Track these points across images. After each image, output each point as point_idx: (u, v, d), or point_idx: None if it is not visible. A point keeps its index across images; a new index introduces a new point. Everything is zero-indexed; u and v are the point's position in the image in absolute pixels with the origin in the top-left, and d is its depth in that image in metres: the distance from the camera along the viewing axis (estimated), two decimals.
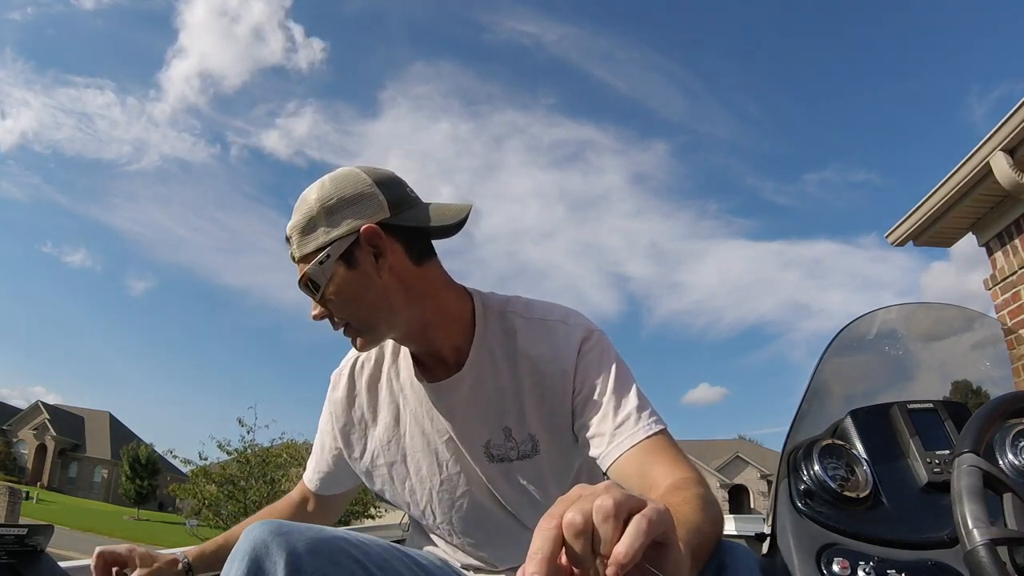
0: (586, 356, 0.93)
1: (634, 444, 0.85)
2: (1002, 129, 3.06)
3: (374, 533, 1.51)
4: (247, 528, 0.76)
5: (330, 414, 1.08)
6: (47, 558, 0.98)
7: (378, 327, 0.92)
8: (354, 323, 0.91)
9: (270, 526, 0.75)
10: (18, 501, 17.87)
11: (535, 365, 0.94)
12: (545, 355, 0.93)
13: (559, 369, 0.92)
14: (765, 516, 1.12)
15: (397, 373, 1.03)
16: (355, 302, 0.89)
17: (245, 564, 0.71)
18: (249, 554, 0.72)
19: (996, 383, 1.28)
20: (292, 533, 0.74)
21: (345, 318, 0.90)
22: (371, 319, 0.90)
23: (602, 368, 0.92)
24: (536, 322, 0.96)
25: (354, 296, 0.89)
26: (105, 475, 43.62)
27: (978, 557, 0.68)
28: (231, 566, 0.72)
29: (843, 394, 1.21)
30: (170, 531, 23.77)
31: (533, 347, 0.94)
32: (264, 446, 13.49)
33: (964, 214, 3.58)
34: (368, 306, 0.89)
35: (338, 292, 0.88)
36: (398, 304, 0.90)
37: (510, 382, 0.95)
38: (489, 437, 0.96)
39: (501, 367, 0.95)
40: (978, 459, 0.76)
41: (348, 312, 0.90)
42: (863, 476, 1.02)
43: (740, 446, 36.91)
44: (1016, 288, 3.31)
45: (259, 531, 0.74)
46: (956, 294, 30.39)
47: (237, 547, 0.74)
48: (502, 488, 0.97)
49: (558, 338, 0.94)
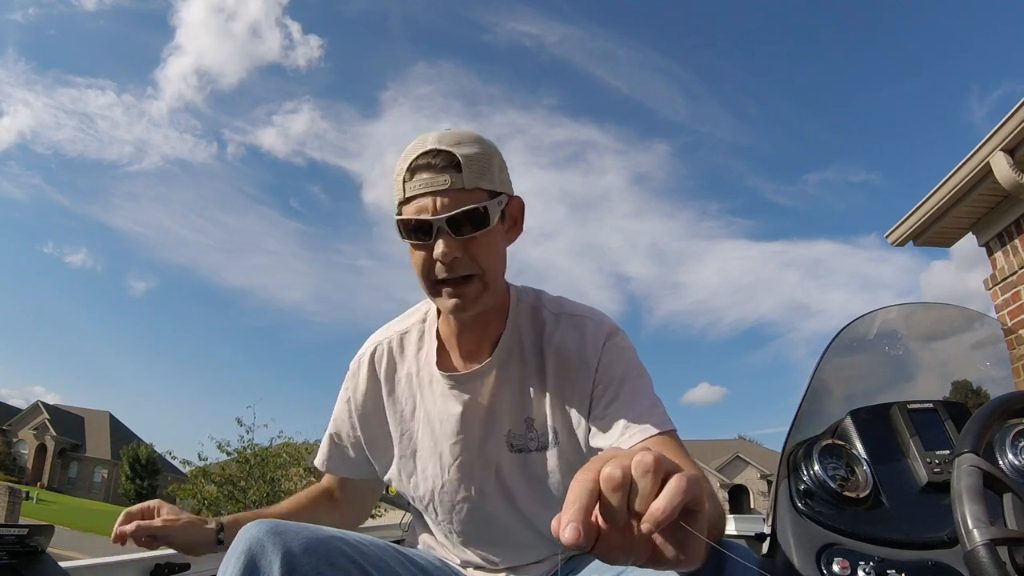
0: (609, 351, 0.95)
1: (646, 438, 0.86)
2: (1002, 129, 3.06)
3: (374, 533, 1.51)
4: (244, 527, 0.76)
5: (348, 400, 1.08)
6: (48, 558, 0.98)
7: (496, 289, 0.93)
8: (485, 276, 0.89)
9: (267, 525, 0.75)
10: (18, 501, 17.86)
11: (561, 358, 0.96)
12: (571, 348, 0.96)
13: (583, 361, 0.95)
14: (765, 516, 1.12)
15: (418, 368, 1.03)
16: (496, 256, 0.91)
17: (241, 563, 0.72)
18: (245, 553, 0.72)
19: (996, 383, 1.28)
20: (288, 533, 0.75)
21: (481, 266, 0.88)
22: (498, 277, 0.92)
23: (623, 364, 0.94)
24: (565, 316, 0.99)
25: (498, 250, 0.91)
26: (105, 475, 43.61)
27: (978, 557, 0.68)
28: (227, 565, 0.73)
29: (843, 394, 1.21)
30: None
31: (560, 341, 0.97)
32: (263, 446, 13.48)
33: (964, 214, 3.58)
34: (500, 264, 0.92)
35: (487, 238, 0.88)
36: (503, 276, 0.94)
37: (536, 374, 0.97)
38: (511, 427, 0.98)
39: (528, 359, 0.97)
40: (978, 459, 0.76)
41: (488, 261, 0.89)
42: (863, 476, 1.02)
43: (740, 446, 36.91)
44: (1016, 288, 3.31)
45: (255, 530, 0.74)
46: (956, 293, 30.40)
47: (233, 546, 0.74)
48: (515, 480, 0.98)
49: (585, 332, 0.97)
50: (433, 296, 0.91)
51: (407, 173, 0.87)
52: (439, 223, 0.85)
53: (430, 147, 0.87)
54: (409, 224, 0.87)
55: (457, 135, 0.88)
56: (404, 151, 0.90)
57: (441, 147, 0.86)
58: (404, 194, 0.87)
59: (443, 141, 0.87)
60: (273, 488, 12.84)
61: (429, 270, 0.88)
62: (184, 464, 14.22)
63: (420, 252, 0.88)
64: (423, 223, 0.85)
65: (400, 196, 0.88)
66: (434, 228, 0.85)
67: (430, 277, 0.89)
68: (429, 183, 0.85)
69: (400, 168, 0.89)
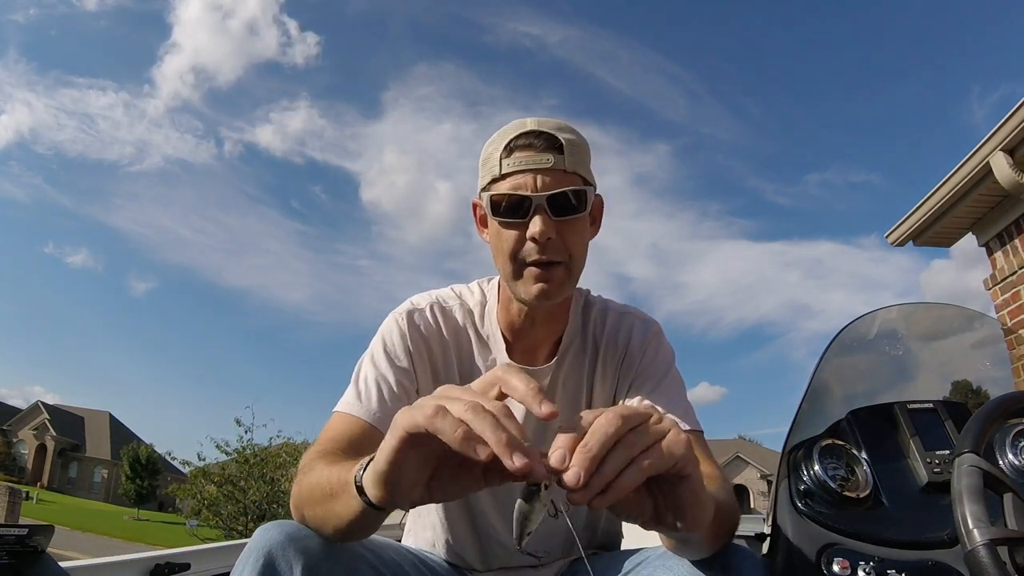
0: (651, 347, 0.98)
1: None
2: (1002, 129, 3.06)
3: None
4: (261, 528, 0.73)
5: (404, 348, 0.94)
6: (48, 558, 0.98)
7: (576, 281, 0.91)
8: (571, 264, 0.88)
9: (287, 529, 0.71)
10: (18, 501, 17.85)
11: (609, 352, 0.98)
12: (619, 343, 0.98)
13: (627, 354, 0.97)
14: (765, 516, 1.12)
15: (479, 351, 0.97)
16: (583, 246, 0.89)
17: (259, 567, 0.68)
18: (265, 557, 0.69)
19: (996, 383, 1.28)
20: (310, 538, 0.71)
21: (570, 253, 0.87)
22: (581, 267, 0.90)
23: (664, 362, 0.97)
24: (613, 313, 1.02)
25: (585, 240, 0.90)
26: (105, 475, 43.57)
27: (978, 557, 0.68)
28: (243, 566, 0.70)
29: (843, 394, 1.21)
30: (170, 531, 23.75)
31: (610, 336, 0.99)
32: (263, 446, 13.47)
33: (964, 214, 3.58)
34: (585, 256, 0.90)
35: (580, 225, 0.87)
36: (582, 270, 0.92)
37: (589, 370, 0.99)
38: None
39: (584, 356, 0.99)
40: (978, 459, 0.76)
41: (577, 249, 0.88)
42: (863, 476, 1.02)
43: (740, 446, 36.90)
44: (1016, 288, 3.31)
45: (274, 533, 0.71)
46: (956, 291, 30.37)
47: (250, 547, 0.71)
48: None
49: (633, 329, 0.99)
50: (515, 279, 0.88)
51: (504, 151, 0.85)
52: (539, 200, 0.83)
53: (531, 128, 0.86)
54: (505, 200, 0.84)
55: (556, 122, 0.87)
56: (497, 132, 0.89)
57: (543, 129, 0.85)
58: (500, 171, 0.85)
59: (543, 125, 0.86)
60: (273, 488, 12.82)
61: (518, 250, 0.86)
62: (184, 465, 14.21)
63: (511, 231, 0.85)
64: (522, 199, 0.83)
65: (495, 173, 0.86)
66: (533, 205, 0.83)
67: (518, 258, 0.86)
68: (530, 160, 0.84)
69: (495, 147, 0.87)
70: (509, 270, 0.87)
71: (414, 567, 0.89)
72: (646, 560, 0.85)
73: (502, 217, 0.85)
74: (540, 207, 0.83)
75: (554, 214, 0.83)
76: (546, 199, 0.83)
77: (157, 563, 1.23)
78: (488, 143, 0.90)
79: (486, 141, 0.92)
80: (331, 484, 0.66)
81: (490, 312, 0.99)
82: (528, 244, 0.85)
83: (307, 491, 0.71)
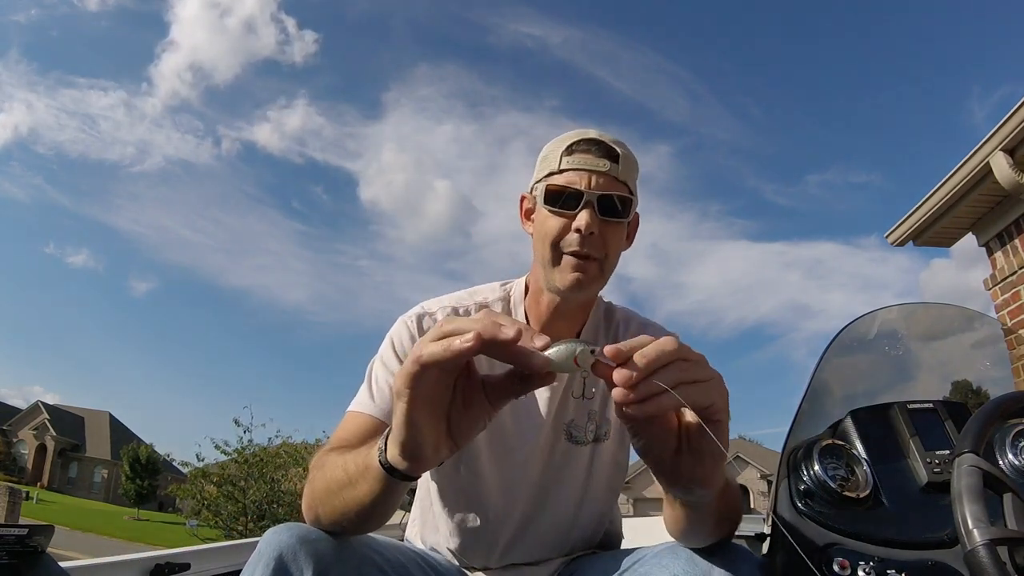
0: None
1: None
2: (1002, 129, 3.06)
3: None
4: (270, 530, 0.74)
5: None
6: (48, 558, 0.98)
7: (605, 281, 0.97)
8: (605, 264, 0.94)
9: (297, 531, 0.72)
10: (18, 501, 17.84)
11: None
12: None
13: None
14: (765, 516, 1.12)
15: None
16: (619, 250, 0.96)
17: (271, 570, 0.69)
18: (276, 560, 0.69)
19: (996, 383, 1.28)
20: (321, 541, 0.72)
21: (606, 252, 0.93)
22: (612, 269, 0.96)
23: None
24: (635, 322, 1.06)
25: (621, 245, 0.97)
26: (105, 475, 43.57)
27: (978, 557, 0.68)
28: (254, 569, 0.70)
29: (843, 394, 1.21)
30: (170, 531, 23.74)
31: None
32: (262, 446, 13.47)
33: (964, 214, 3.58)
34: (618, 260, 0.97)
35: (620, 230, 0.94)
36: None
37: None
38: (574, 417, 1.01)
39: None
40: (978, 459, 0.76)
41: (613, 250, 0.94)
42: (863, 476, 1.02)
43: (740, 446, 36.87)
44: (1016, 288, 3.31)
45: (285, 536, 0.71)
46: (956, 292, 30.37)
47: (260, 550, 0.71)
48: (559, 469, 1.01)
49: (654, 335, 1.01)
50: (553, 265, 0.93)
51: (566, 151, 0.93)
52: (591, 196, 0.90)
53: (592, 136, 0.94)
54: (559, 191, 0.91)
55: (614, 137, 0.95)
56: (559, 137, 0.98)
57: (603, 139, 0.94)
58: (559, 166, 0.93)
59: (604, 136, 0.95)
60: (273, 488, 12.82)
61: (561, 238, 0.92)
62: (184, 465, 14.22)
63: (558, 219, 0.92)
64: (576, 192, 0.91)
65: (554, 167, 0.93)
66: (584, 200, 0.90)
67: (559, 246, 0.92)
68: (589, 162, 0.92)
69: (557, 146, 0.95)
70: (548, 256, 0.93)
71: (419, 567, 0.90)
72: (643, 559, 0.86)
73: (553, 206, 0.92)
74: (590, 203, 0.90)
75: (601, 213, 0.91)
76: (596, 197, 0.90)
77: (157, 563, 1.23)
78: (550, 143, 0.98)
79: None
80: (349, 472, 0.68)
81: (516, 305, 1.03)
82: (571, 235, 0.91)
83: (323, 485, 0.73)
